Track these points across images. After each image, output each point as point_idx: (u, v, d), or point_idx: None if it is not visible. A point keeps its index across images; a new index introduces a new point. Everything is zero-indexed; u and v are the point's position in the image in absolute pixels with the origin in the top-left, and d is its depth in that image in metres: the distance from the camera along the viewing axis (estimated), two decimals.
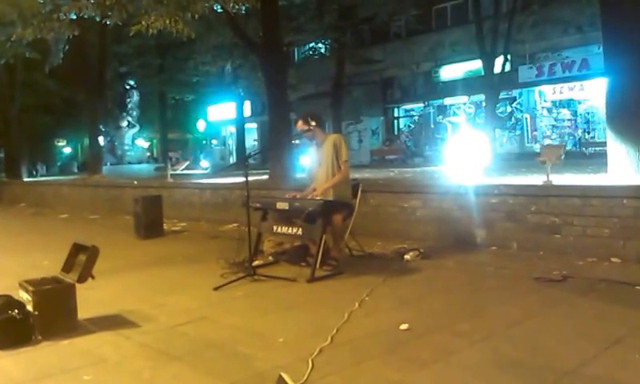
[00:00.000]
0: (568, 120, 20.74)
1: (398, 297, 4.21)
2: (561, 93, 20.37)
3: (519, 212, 5.76)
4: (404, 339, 3.28)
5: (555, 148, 10.49)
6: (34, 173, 24.29)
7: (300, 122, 5.50)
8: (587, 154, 17.24)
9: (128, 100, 37.24)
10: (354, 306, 3.91)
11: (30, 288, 3.59)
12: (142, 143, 42.60)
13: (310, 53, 23.91)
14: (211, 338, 3.46)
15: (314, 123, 5.45)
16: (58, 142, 35.29)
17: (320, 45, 23.21)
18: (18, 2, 10.76)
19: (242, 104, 26.59)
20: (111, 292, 4.64)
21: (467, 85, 21.35)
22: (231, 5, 9.76)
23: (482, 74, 17.01)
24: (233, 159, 29.10)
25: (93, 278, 3.88)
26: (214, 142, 34.13)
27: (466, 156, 8.33)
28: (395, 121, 26.52)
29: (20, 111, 19.65)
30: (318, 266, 4.87)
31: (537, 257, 5.38)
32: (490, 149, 14.03)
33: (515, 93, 21.47)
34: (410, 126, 25.99)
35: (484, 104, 17.81)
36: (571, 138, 20.24)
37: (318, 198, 5.17)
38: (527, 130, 21.53)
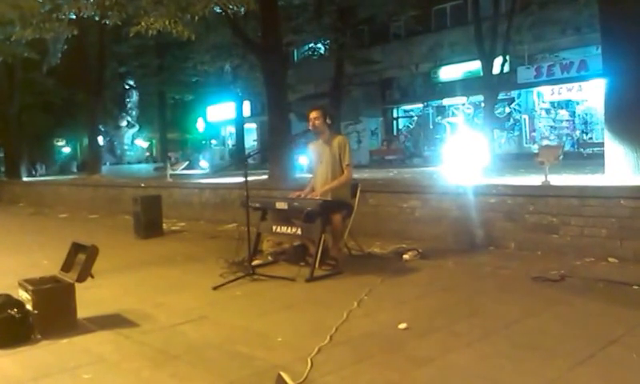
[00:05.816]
0: (566, 121, 20.83)
1: (396, 296, 4.22)
2: (559, 94, 20.44)
3: (517, 212, 5.78)
4: (403, 338, 3.29)
5: (553, 149, 10.53)
6: (34, 172, 24.27)
7: (317, 113, 5.35)
8: (585, 155, 17.29)
9: (127, 100, 37.18)
10: (352, 306, 3.92)
11: (30, 287, 3.60)
12: (142, 143, 42.54)
13: (310, 53, 23.93)
14: (210, 337, 3.47)
15: (329, 121, 5.45)
16: (57, 141, 35.28)
17: (319, 45, 23.23)
18: (19, 2, 10.76)
19: (242, 104, 26.59)
20: (110, 291, 4.65)
21: (466, 85, 21.37)
22: (230, 6, 9.76)
23: (481, 74, 17.01)
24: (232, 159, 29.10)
25: (92, 277, 3.89)
26: (214, 141, 34.11)
27: (464, 156, 8.34)
28: (394, 121, 26.57)
29: (19, 111, 19.64)
30: (317, 265, 4.88)
31: (535, 257, 5.40)
32: (489, 149, 14.05)
33: (514, 93, 21.52)
34: (408, 127, 26.03)
35: (483, 105, 17.83)
36: (569, 138, 20.30)
37: (317, 197, 5.18)
38: (526, 131, 21.58)
